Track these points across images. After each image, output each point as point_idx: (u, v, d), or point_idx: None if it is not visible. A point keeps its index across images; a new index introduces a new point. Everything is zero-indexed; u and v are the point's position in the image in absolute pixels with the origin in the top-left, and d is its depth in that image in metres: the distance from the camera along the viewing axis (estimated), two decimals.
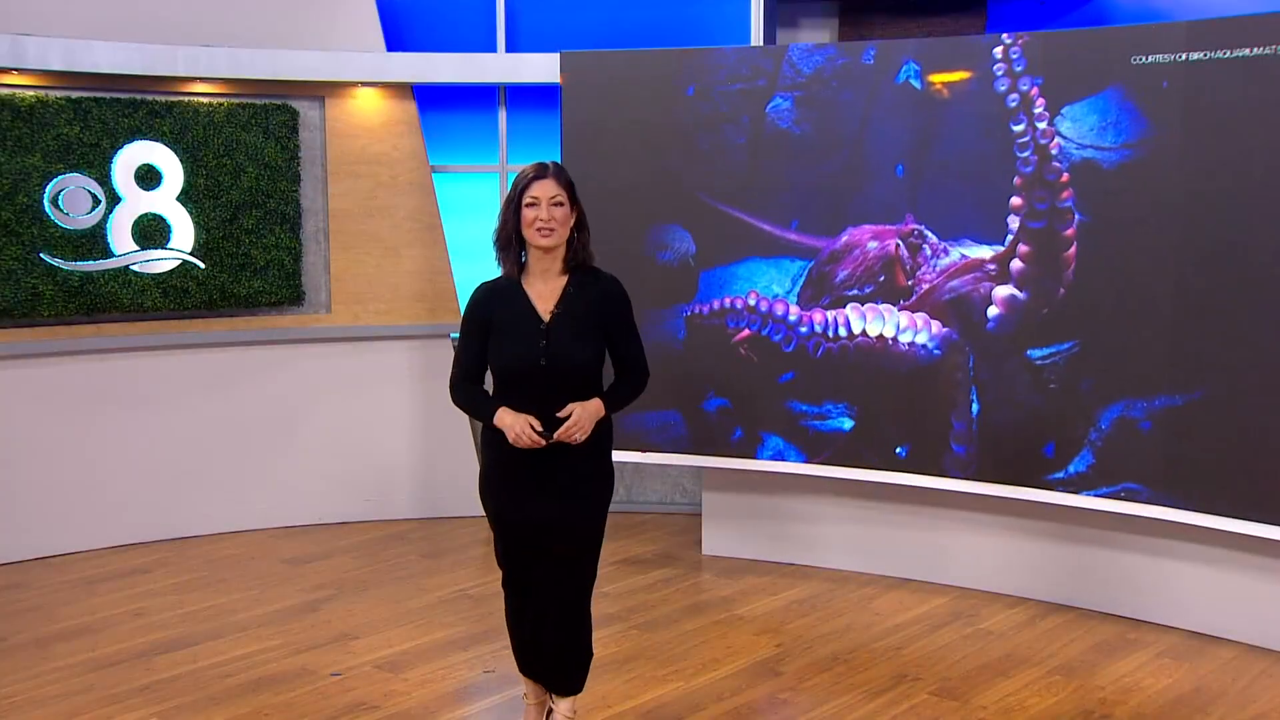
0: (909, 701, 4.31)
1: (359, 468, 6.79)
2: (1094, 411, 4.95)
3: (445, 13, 6.92)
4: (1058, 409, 5.02)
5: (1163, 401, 4.80)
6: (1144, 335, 4.82)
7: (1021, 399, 5.11)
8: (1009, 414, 5.14)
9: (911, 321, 5.32)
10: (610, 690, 4.40)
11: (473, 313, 3.58)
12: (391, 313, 6.72)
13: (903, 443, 5.38)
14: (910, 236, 5.30)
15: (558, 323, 3.47)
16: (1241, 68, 4.53)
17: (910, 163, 5.26)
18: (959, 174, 5.17)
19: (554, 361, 3.43)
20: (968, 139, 5.13)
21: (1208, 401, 4.69)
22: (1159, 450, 4.81)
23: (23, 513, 6.11)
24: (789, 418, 5.59)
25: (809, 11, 6.83)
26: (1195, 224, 4.69)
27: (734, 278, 5.63)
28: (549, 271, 3.52)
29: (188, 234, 6.31)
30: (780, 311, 5.57)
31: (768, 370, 5.60)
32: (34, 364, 6.08)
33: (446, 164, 6.98)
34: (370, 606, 5.37)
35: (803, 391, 5.55)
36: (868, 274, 5.39)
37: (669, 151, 5.66)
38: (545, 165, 3.49)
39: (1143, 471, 4.85)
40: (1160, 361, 4.79)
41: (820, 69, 5.41)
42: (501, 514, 3.56)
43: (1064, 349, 5.01)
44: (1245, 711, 4.24)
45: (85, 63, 5.96)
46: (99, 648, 4.89)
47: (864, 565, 5.80)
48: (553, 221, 3.44)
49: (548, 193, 3.44)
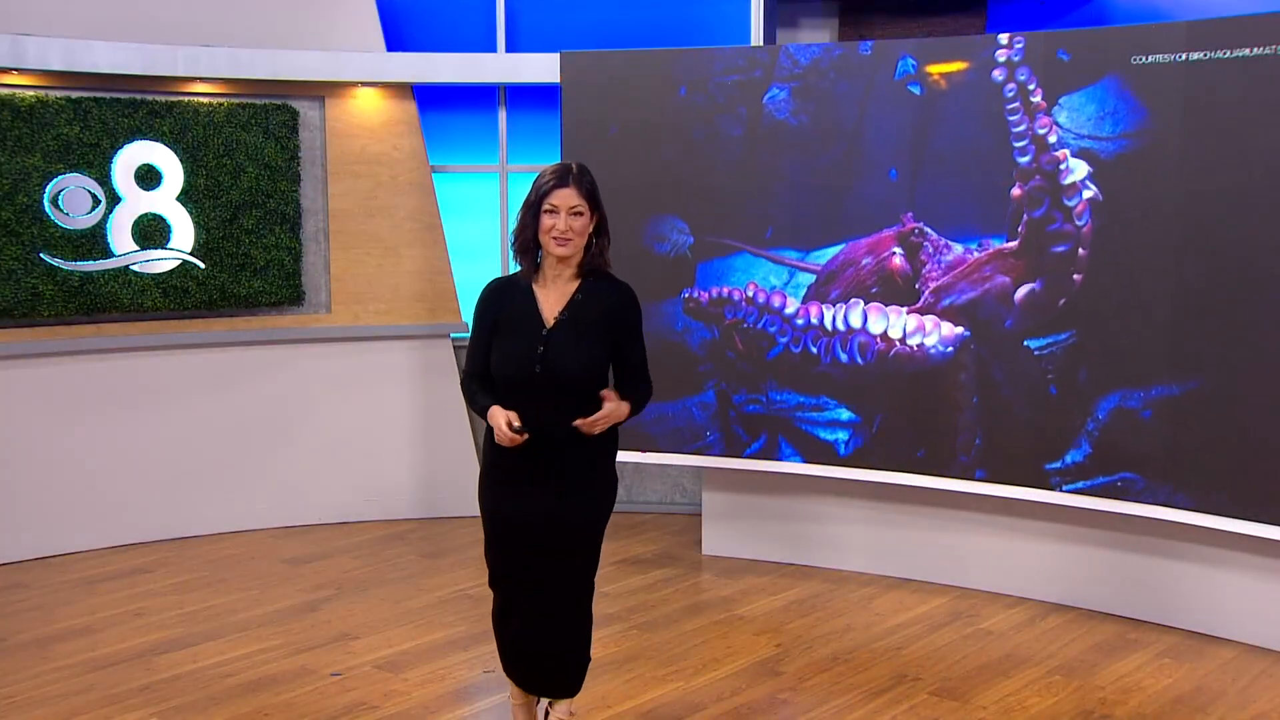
0: (909, 701, 4.31)
1: (359, 468, 6.79)
2: (1091, 402, 4.95)
3: (445, 13, 6.92)
4: (1055, 400, 5.03)
5: (1160, 392, 4.80)
6: (1142, 326, 4.83)
7: (1021, 391, 5.11)
8: (1010, 408, 5.15)
9: (920, 324, 5.31)
10: (610, 690, 4.40)
11: (482, 310, 3.52)
12: (391, 313, 6.72)
13: (907, 442, 5.38)
14: (911, 235, 5.30)
15: (560, 330, 3.40)
16: (1241, 68, 4.53)
17: (908, 157, 5.27)
18: (957, 168, 5.17)
19: (549, 369, 3.37)
20: (966, 132, 5.14)
21: (1205, 393, 4.70)
22: (1157, 441, 4.81)
23: (23, 513, 6.11)
24: (788, 415, 5.59)
25: (809, 11, 6.84)
26: (1195, 221, 4.69)
27: (731, 269, 5.64)
28: (561, 276, 3.45)
29: (188, 234, 6.31)
30: (778, 304, 5.58)
31: (762, 363, 5.60)
32: (34, 364, 6.08)
33: (446, 164, 6.98)
34: (370, 606, 5.37)
35: (803, 388, 5.56)
36: (862, 288, 5.40)
37: (668, 150, 5.66)
38: (568, 170, 3.37)
39: (1141, 462, 4.85)
40: (1158, 352, 4.79)
41: (817, 59, 5.42)
42: (499, 510, 3.51)
43: (1061, 339, 5.01)
44: (1245, 711, 4.24)
45: (85, 63, 5.96)
46: (99, 648, 4.89)
47: (864, 565, 5.80)
48: (570, 232, 3.35)
49: (568, 203, 3.34)
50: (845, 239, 5.43)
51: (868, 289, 5.40)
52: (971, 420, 5.24)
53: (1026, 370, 5.11)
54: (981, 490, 5.26)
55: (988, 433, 5.22)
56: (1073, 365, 5.00)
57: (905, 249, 5.32)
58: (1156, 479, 4.84)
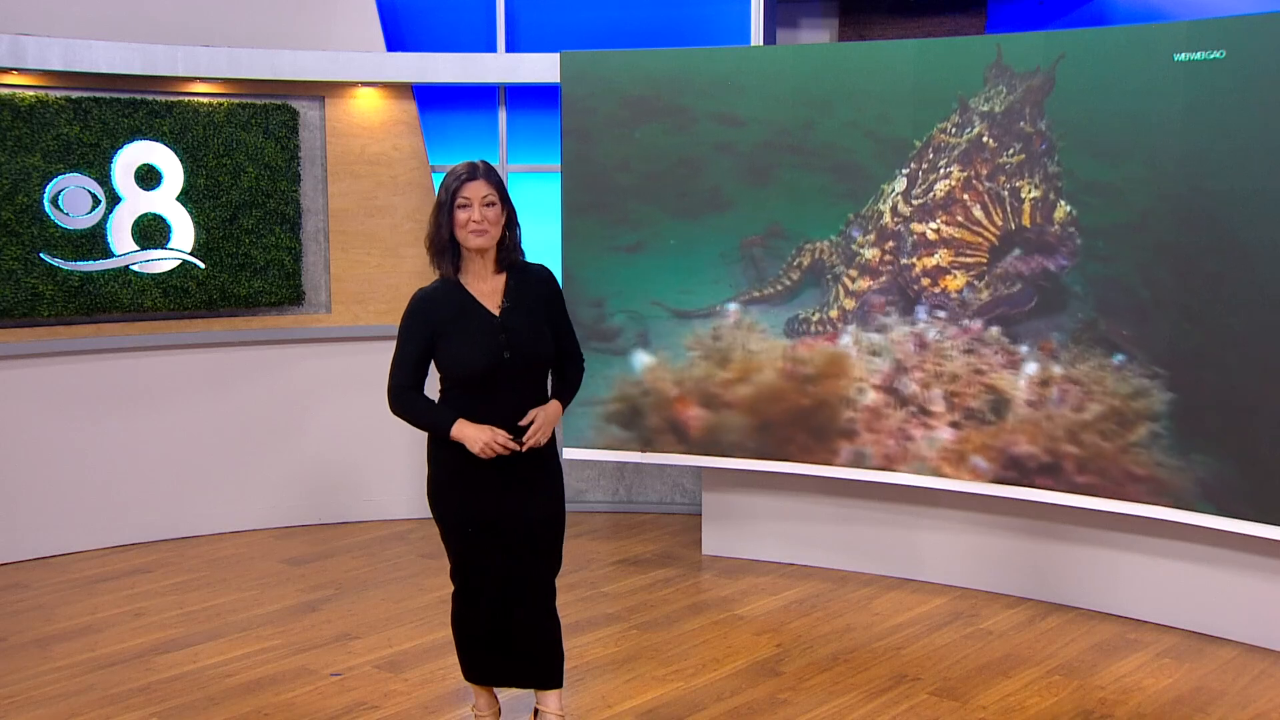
0: (909, 701, 4.31)
1: (358, 468, 6.80)
2: (1086, 404, 4.95)
3: (445, 13, 6.92)
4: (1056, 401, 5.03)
5: (1160, 394, 4.80)
6: (1144, 327, 4.83)
7: (1021, 391, 5.11)
8: (1011, 409, 5.15)
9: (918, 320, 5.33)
10: (610, 690, 4.40)
11: (414, 319, 3.57)
12: (391, 313, 6.71)
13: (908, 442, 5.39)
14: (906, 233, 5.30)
15: (510, 316, 3.52)
16: (1241, 67, 4.53)
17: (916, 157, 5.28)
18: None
19: (517, 352, 3.49)
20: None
21: (1205, 396, 4.69)
22: (1157, 444, 4.81)
23: (23, 513, 6.11)
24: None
25: (809, 11, 6.84)
26: (1195, 222, 4.69)
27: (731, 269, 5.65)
28: (486, 270, 3.56)
29: (188, 234, 6.31)
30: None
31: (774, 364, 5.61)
32: (34, 364, 6.08)
33: (446, 164, 6.98)
34: (370, 606, 5.37)
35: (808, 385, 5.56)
36: None
37: (668, 150, 5.66)
38: (475, 166, 3.51)
39: (1139, 465, 4.86)
40: (1158, 354, 4.79)
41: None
42: (480, 514, 3.56)
43: (1062, 338, 5.01)
44: (1245, 711, 4.24)
45: (85, 63, 5.96)
46: (99, 648, 4.89)
47: (864, 565, 5.80)
48: (485, 222, 3.47)
49: (479, 193, 3.47)
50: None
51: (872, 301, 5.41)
52: (978, 418, 5.24)
53: (1027, 370, 5.11)
54: (981, 490, 5.26)
55: (991, 434, 5.21)
56: (1071, 366, 5.00)
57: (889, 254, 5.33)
58: (1158, 484, 4.83)
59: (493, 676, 3.77)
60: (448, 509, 3.59)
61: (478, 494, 3.54)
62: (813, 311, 5.51)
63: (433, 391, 3.61)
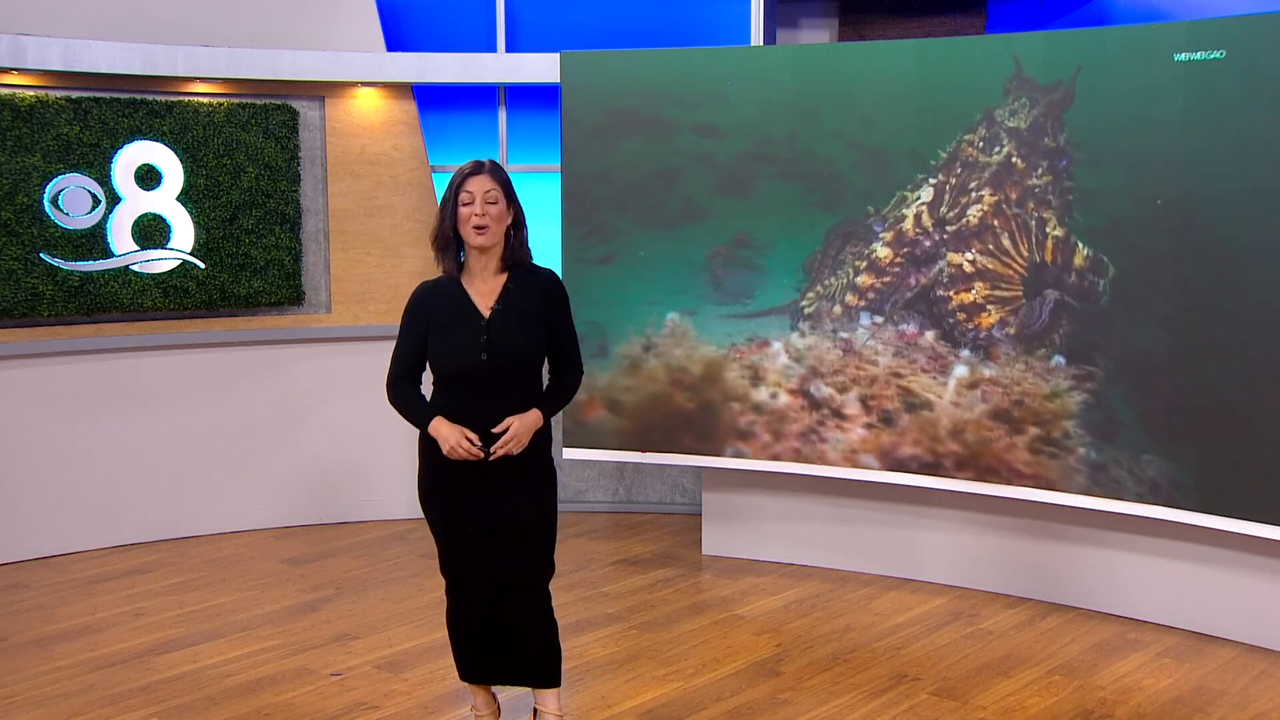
0: (909, 701, 4.31)
1: (358, 468, 6.80)
2: (1089, 406, 4.95)
3: (445, 13, 6.92)
4: (1057, 402, 5.03)
5: (1160, 393, 4.80)
6: (1142, 331, 4.83)
7: (1021, 394, 5.11)
8: (1011, 410, 5.15)
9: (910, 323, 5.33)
10: (610, 690, 4.40)
11: (412, 312, 3.60)
12: (391, 313, 6.71)
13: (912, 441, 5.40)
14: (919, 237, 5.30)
15: (497, 318, 3.50)
16: (1241, 67, 4.53)
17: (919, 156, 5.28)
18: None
19: (494, 354, 3.46)
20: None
21: (1204, 396, 4.69)
22: (1159, 446, 4.81)
23: (23, 513, 6.11)
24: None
25: (809, 11, 6.83)
26: (1195, 223, 4.68)
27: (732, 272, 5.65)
28: (487, 270, 3.55)
29: (188, 234, 6.31)
30: None
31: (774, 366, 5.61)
32: (34, 364, 6.08)
33: (446, 164, 6.98)
34: (370, 606, 5.37)
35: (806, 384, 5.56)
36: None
37: (668, 151, 5.65)
38: (481, 163, 3.51)
39: (1140, 466, 4.85)
40: (1158, 356, 4.79)
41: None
42: (455, 514, 3.57)
43: (1060, 340, 5.01)
44: (1245, 711, 4.24)
45: (85, 63, 5.96)
46: (99, 648, 4.89)
47: (864, 565, 5.80)
48: (487, 218, 3.45)
49: (482, 188, 3.46)
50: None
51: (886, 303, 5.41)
52: (979, 419, 5.24)
53: (1027, 372, 5.11)
54: (981, 490, 5.26)
55: (991, 435, 5.22)
56: (1071, 368, 5.00)
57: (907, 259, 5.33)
58: (1160, 486, 4.84)
59: (490, 675, 3.77)
60: (433, 504, 3.61)
61: (460, 492, 3.54)
62: (808, 304, 5.51)
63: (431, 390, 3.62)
